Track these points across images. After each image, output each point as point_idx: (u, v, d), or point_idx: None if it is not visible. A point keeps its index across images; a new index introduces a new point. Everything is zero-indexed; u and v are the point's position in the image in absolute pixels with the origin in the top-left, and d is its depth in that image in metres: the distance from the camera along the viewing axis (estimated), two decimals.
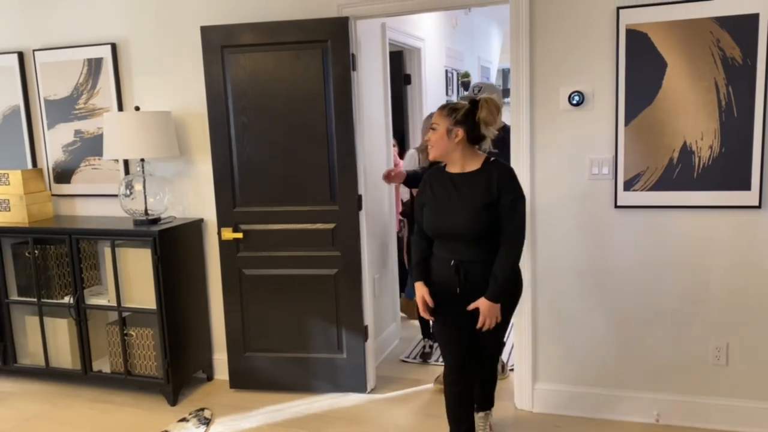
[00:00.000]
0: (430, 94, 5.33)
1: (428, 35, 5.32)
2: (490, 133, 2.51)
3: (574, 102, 2.95)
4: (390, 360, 4.01)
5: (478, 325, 2.50)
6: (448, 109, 2.54)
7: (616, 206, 2.97)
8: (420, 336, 4.20)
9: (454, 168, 2.56)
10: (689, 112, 2.81)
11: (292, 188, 3.39)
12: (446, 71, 5.96)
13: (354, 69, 3.27)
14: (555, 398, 3.20)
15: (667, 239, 2.94)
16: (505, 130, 3.10)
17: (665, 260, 2.95)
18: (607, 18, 2.87)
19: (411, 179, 3.70)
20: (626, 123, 2.90)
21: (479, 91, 2.82)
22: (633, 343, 3.06)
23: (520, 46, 3.00)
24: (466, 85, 6.46)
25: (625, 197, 2.95)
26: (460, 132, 2.49)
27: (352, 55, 3.25)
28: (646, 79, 2.84)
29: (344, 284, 3.41)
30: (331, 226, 3.38)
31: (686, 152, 2.83)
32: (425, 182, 2.66)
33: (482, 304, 2.48)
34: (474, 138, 2.51)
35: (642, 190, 2.92)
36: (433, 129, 2.54)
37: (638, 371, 3.07)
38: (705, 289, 2.92)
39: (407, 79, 5.08)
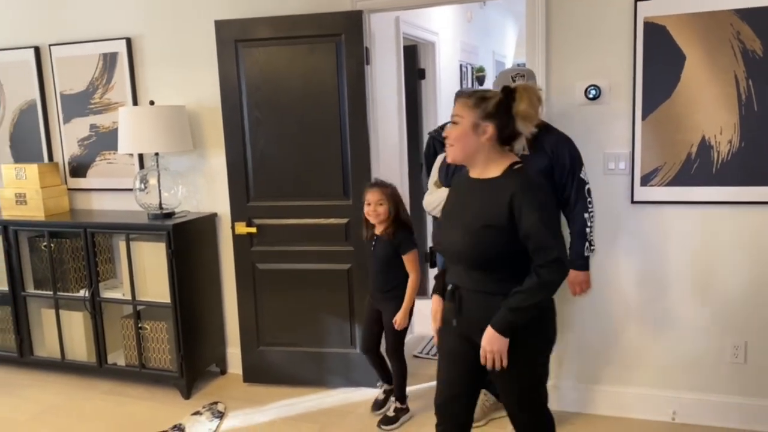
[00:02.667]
0: (444, 88, 5.30)
1: (442, 29, 5.29)
2: (527, 130, 1.97)
3: (591, 96, 2.91)
4: None
5: (482, 361, 1.99)
6: (477, 98, 1.97)
7: (632, 202, 2.93)
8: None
9: (474, 172, 2.05)
10: (708, 106, 2.76)
11: (305, 183, 3.38)
12: (460, 66, 5.92)
13: (368, 63, 3.25)
14: (569, 396, 3.17)
15: (685, 235, 2.90)
16: (545, 129, 2.74)
17: (682, 256, 2.91)
18: (625, 11, 2.83)
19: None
20: (643, 117, 2.86)
21: (519, 78, 2.57)
22: (648, 340, 3.02)
23: (536, 40, 2.97)
24: (480, 80, 6.41)
25: (642, 193, 2.91)
26: (490, 128, 1.95)
27: (366, 48, 3.23)
28: (664, 73, 2.80)
29: (357, 279, 3.40)
30: (344, 221, 3.37)
31: (705, 147, 2.79)
32: (451, 187, 2.23)
33: (486, 333, 1.95)
34: (506, 136, 1.98)
35: (659, 186, 2.88)
36: (455, 123, 2.00)
37: (654, 369, 3.03)
38: (723, 286, 2.88)
39: (421, 74, 5.05)
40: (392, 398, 3.23)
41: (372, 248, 3.10)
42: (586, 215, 2.70)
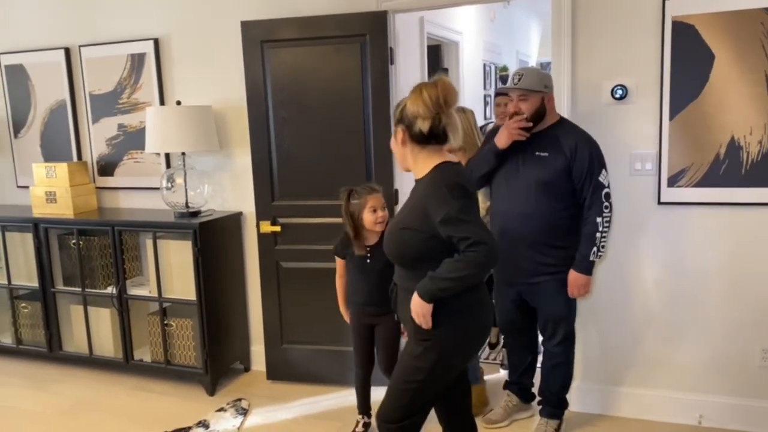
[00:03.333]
0: (468, 88, 5.30)
1: (466, 29, 5.28)
2: (426, 125, 1.97)
3: (617, 96, 2.88)
4: None
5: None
6: (395, 107, 2.10)
7: (659, 203, 2.90)
8: None
9: (415, 175, 2.10)
10: (737, 106, 2.72)
11: (329, 182, 3.40)
12: (484, 65, 5.91)
13: (392, 63, 3.26)
14: (593, 397, 3.15)
15: (713, 237, 2.86)
16: (565, 128, 2.73)
17: (710, 258, 2.87)
18: (652, 9, 2.80)
19: None
20: (671, 117, 2.82)
21: (519, 79, 2.64)
22: (675, 342, 2.99)
23: (561, 39, 2.95)
24: (504, 79, 6.39)
25: (669, 194, 2.87)
26: (400, 132, 2.05)
27: (390, 48, 3.24)
28: (692, 72, 2.77)
29: None
30: None
31: (734, 147, 2.75)
32: None
33: (413, 296, 2.01)
34: (422, 136, 2.00)
35: (687, 187, 2.84)
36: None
37: (680, 372, 3.00)
38: (752, 288, 2.84)
39: (445, 73, 5.05)
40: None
41: (367, 261, 2.86)
42: (599, 219, 2.63)
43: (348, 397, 3.44)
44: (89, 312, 3.85)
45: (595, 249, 2.65)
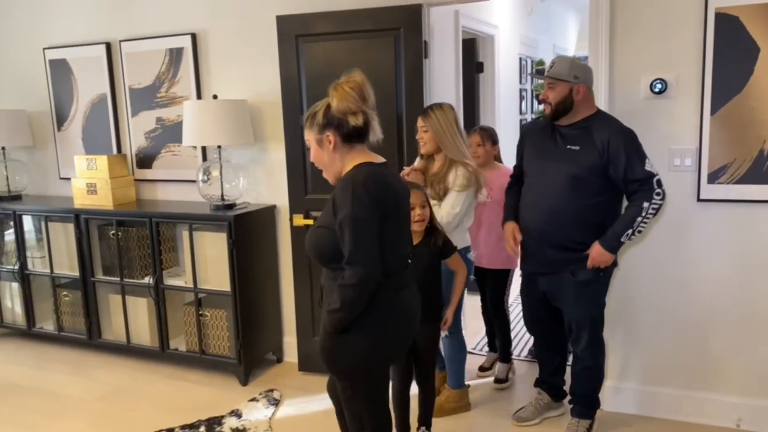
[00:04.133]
0: (503, 82, 5.24)
1: (502, 22, 5.22)
2: (358, 120, 1.96)
3: (657, 90, 2.82)
4: None
5: None
6: (307, 117, 2.04)
7: (698, 200, 2.83)
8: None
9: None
10: None
11: None
12: (520, 59, 5.84)
13: (426, 57, 3.25)
14: (628, 397, 3.09)
15: (755, 235, 2.77)
16: (598, 121, 2.62)
17: (752, 257, 2.79)
18: (695, 1, 2.72)
19: None
20: (712, 112, 2.75)
21: (551, 66, 2.59)
22: (715, 343, 2.91)
23: (599, 32, 2.89)
24: (540, 73, 6.30)
25: (710, 190, 2.80)
26: (331, 136, 1.97)
27: (425, 42, 3.22)
28: (735, 66, 2.69)
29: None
30: None
31: None
32: None
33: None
34: (352, 135, 1.98)
35: (728, 183, 2.76)
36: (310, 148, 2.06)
37: (719, 373, 2.93)
38: None
39: (479, 67, 5.01)
40: None
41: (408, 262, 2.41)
42: (645, 204, 2.50)
43: None
44: (127, 301, 3.95)
45: (630, 231, 2.54)
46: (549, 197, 2.65)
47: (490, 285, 3.52)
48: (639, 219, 2.52)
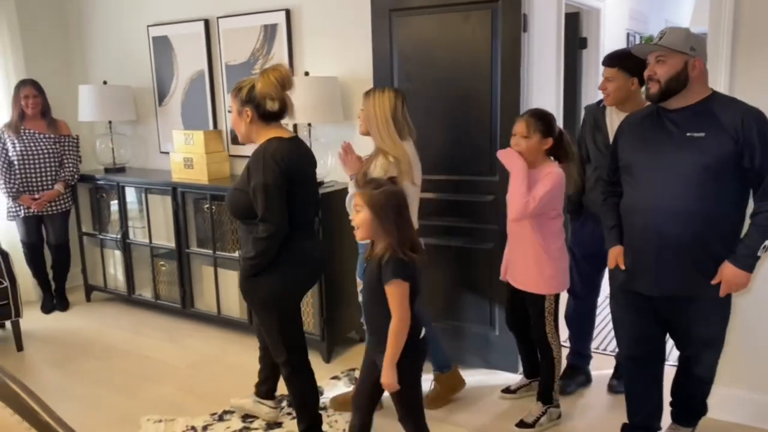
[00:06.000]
0: None
1: None
2: (275, 105, 2.39)
3: None
4: None
5: None
6: (234, 89, 2.45)
7: None
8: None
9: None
10: None
11: (450, 157, 3.29)
12: (627, 34, 5.45)
13: (525, 31, 3.06)
14: (739, 406, 2.82)
15: None
16: (717, 101, 2.22)
17: None
18: None
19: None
20: None
21: (661, 37, 2.19)
22: None
23: (722, 3, 2.60)
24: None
25: None
26: (249, 111, 2.40)
27: (524, 15, 3.04)
28: None
29: (498, 260, 3.25)
30: (489, 198, 3.24)
31: None
32: None
33: None
34: (267, 115, 2.40)
35: None
36: (230, 112, 2.51)
37: None
38: None
39: (582, 43, 4.71)
40: None
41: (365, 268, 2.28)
42: None
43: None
44: (219, 273, 4.05)
45: (766, 243, 2.16)
46: (673, 197, 2.19)
47: (529, 311, 2.87)
48: None
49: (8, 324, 3.94)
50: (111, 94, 4.57)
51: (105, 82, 4.70)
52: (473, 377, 3.34)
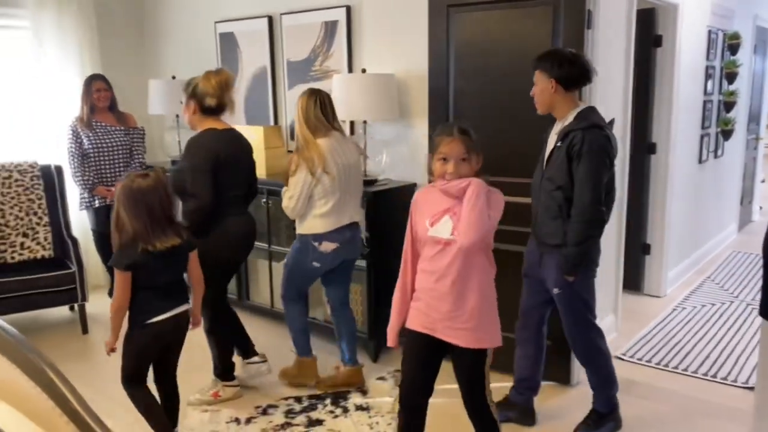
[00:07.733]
0: (685, 58, 4.63)
1: None
2: (212, 102, 2.88)
3: None
4: None
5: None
6: (185, 84, 2.97)
7: None
8: (646, 331, 3.74)
9: None
10: None
11: (509, 158, 3.18)
12: (709, 32, 5.13)
13: (589, 27, 2.93)
14: None
15: None
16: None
17: None
18: None
19: None
20: None
21: None
22: None
23: None
24: (733, 49, 5.51)
25: None
26: (192, 105, 2.90)
27: (589, 11, 2.90)
28: None
29: None
30: None
31: None
32: None
33: None
34: (207, 109, 2.90)
35: None
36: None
37: None
38: None
39: (657, 41, 4.46)
40: None
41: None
42: None
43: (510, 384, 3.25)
44: (273, 267, 4.10)
45: None
46: None
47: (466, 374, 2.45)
48: None
49: (76, 307, 4.13)
50: (179, 88, 4.69)
51: (174, 77, 4.84)
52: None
